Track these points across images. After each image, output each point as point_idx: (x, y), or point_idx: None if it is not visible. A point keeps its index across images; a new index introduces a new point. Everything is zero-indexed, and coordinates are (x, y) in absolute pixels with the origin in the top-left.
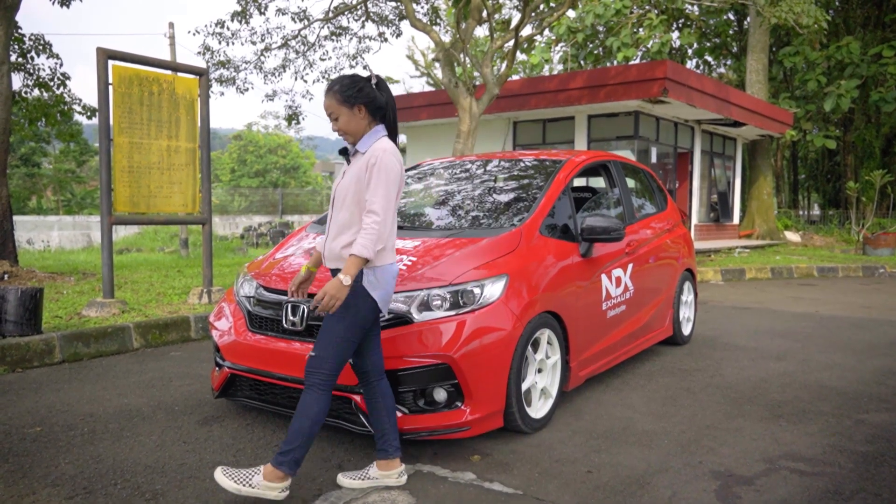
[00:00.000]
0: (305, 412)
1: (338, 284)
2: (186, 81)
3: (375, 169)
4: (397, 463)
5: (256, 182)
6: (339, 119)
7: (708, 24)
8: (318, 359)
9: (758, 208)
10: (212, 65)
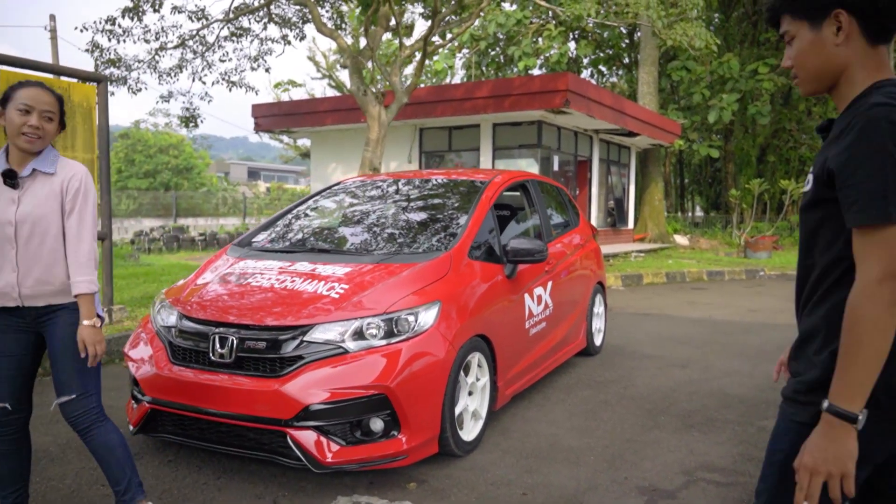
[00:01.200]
0: (112, 449)
1: (91, 331)
2: (83, 89)
3: (81, 195)
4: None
5: (146, 183)
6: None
7: (602, 36)
8: (87, 397)
9: (650, 213)
10: (101, 63)
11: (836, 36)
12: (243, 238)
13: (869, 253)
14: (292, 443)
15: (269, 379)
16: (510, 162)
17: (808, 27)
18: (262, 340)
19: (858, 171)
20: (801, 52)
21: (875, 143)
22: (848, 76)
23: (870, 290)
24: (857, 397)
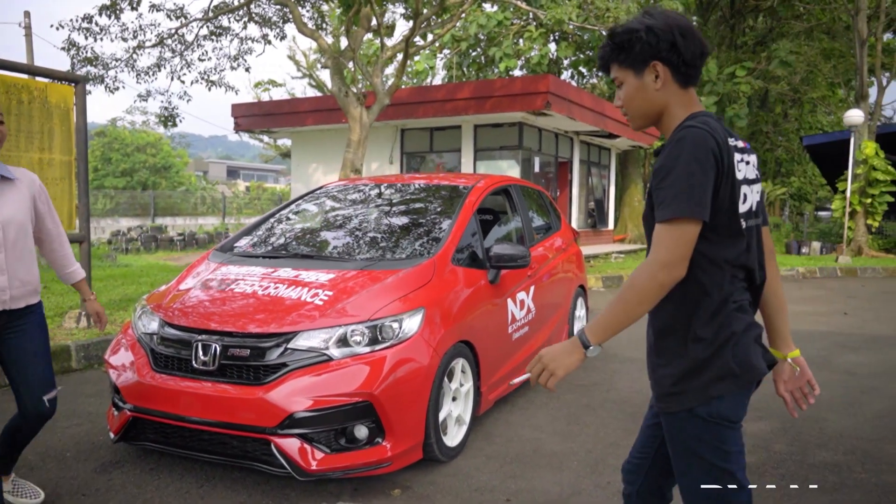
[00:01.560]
0: None
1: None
2: (61, 89)
3: (46, 196)
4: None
5: (123, 182)
6: None
7: (582, 38)
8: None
9: (630, 214)
10: (77, 61)
11: (655, 82)
12: (225, 243)
13: (661, 242)
14: (276, 451)
15: (253, 386)
16: (491, 163)
17: (633, 75)
18: (246, 348)
19: (667, 176)
20: (628, 95)
21: (682, 153)
22: (668, 112)
23: (652, 269)
24: (599, 336)
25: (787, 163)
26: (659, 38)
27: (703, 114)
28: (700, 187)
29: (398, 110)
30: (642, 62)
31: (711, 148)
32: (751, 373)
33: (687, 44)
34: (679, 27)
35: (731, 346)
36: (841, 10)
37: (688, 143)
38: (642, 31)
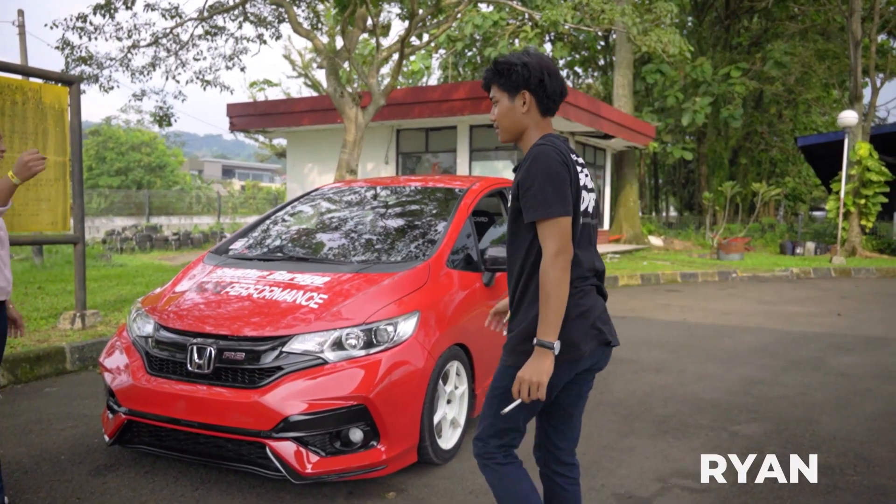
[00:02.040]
0: None
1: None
2: (55, 90)
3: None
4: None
5: (118, 181)
6: None
7: (578, 38)
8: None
9: (625, 215)
10: (71, 60)
11: (522, 107)
12: (221, 245)
13: (547, 237)
14: (271, 454)
15: (248, 390)
16: (487, 164)
17: (507, 97)
18: (241, 351)
19: (532, 185)
20: (501, 112)
21: (538, 167)
22: (528, 133)
23: (551, 261)
24: (552, 332)
25: (781, 163)
26: (531, 73)
27: (552, 136)
28: (563, 190)
29: (394, 111)
30: (515, 89)
31: (559, 160)
32: (572, 350)
33: (552, 82)
34: (548, 69)
35: (565, 325)
36: (835, 11)
37: (542, 158)
38: (519, 66)
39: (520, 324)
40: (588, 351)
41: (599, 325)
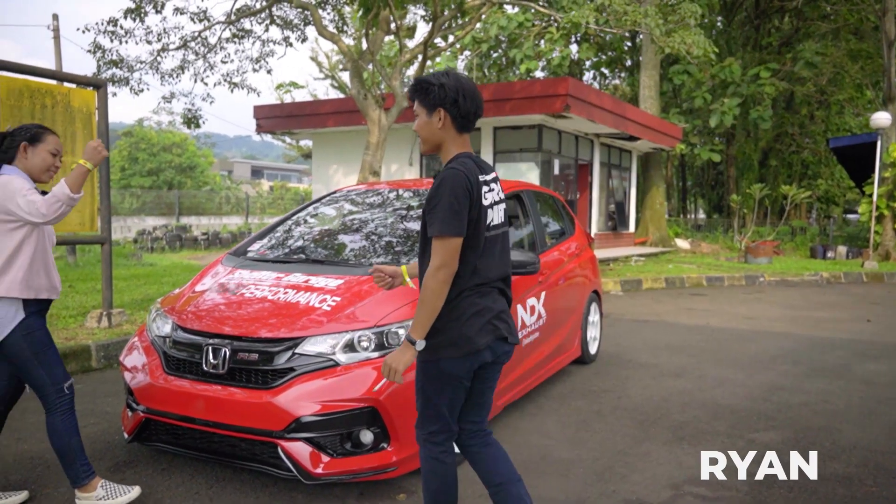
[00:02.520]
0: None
1: None
2: (83, 94)
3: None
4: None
5: (149, 181)
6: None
7: (604, 39)
8: None
9: (651, 217)
10: (103, 64)
11: (438, 122)
12: (240, 247)
13: (435, 252)
14: (283, 454)
15: (261, 390)
16: (511, 166)
17: (425, 112)
18: (255, 352)
19: (436, 205)
20: (420, 125)
21: (444, 189)
22: (445, 147)
23: (433, 273)
24: (420, 332)
25: (813, 165)
26: (447, 93)
27: (466, 155)
28: (460, 213)
29: None
30: (432, 106)
31: (465, 185)
32: (468, 344)
33: (465, 103)
34: (463, 90)
35: (459, 324)
36: (868, 10)
37: (448, 181)
38: (436, 86)
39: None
40: (484, 345)
41: (496, 322)
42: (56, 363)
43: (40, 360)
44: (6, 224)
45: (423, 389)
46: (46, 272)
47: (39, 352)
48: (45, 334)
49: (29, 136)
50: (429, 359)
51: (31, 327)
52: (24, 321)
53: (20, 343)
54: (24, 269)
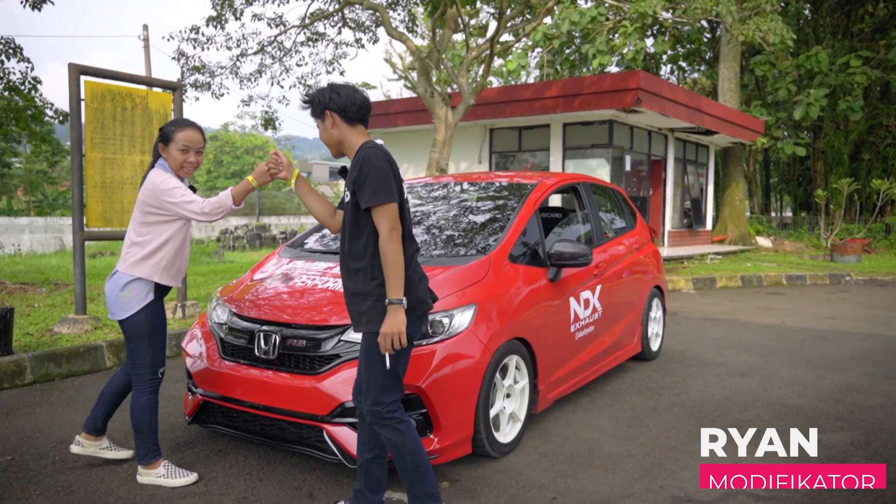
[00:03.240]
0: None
1: None
2: (160, 96)
3: None
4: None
5: (233, 183)
6: None
7: (681, 31)
8: None
9: (730, 214)
10: (186, 70)
11: (330, 124)
12: (297, 239)
13: (381, 219)
14: (328, 438)
15: (308, 376)
16: (581, 162)
17: (320, 121)
18: (303, 339)
19: (366, 179)
20: (321, 133)
21: (371, 164)
22: (346, 142)
23: (388, 236)
24: (398, 291)
25: None
26: (324, 96)
27: (371, 142)
28: (390, 182)
29: (487, 110)
30: (322, 112)
31: (386, 159)
32: (422, 306)
33: (341, 98)
34: (336, 89)
35: (412, 289)
36: None
37: (373, 156)
38: (317, 95)
39: (367, 296)
40: (431, 305)
41: (431, 288)
42: (161, 348)
43: (151, 341)
44: (158, 216)
45: (381, 359)
46: (181, 262)
47: (153, 333)
48: (161, 319)
49: (162, 137)
50: (377, 329)
51: (155, 310)
52: (152, 303)
53: (142, 322)
54: (168, 258)
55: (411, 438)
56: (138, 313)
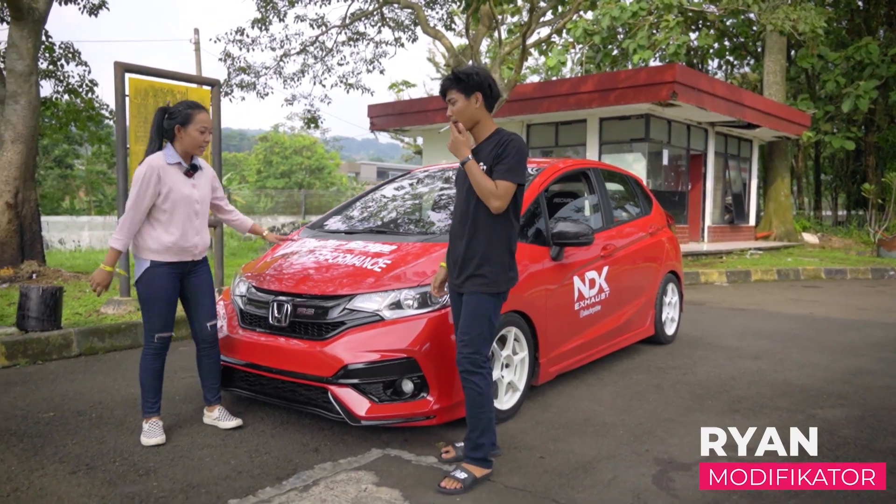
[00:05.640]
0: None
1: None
2: (199, 92)
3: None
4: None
5: (282, 183)
6: None
7: (725, 24)
8: None
9: (775, 210)
10: (232, 71)
11: (476, 104)
12: (317, 221)
13: (503, 191)
14: (332, 398)
15: (316, 341)
16: (617, 157)
17: (463, 98)
18: (311, 307)
19: (512, 156)
20: (459, 110)
21: (520, 147)
22: (480, 123)
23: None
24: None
25: None
26: (481, 80)
27: (504, 130)
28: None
29: (523, 105)
30: (469, 91)
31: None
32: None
33: (494, 88)
34: (489, 78)
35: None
36: None
37: (519, 141)
38: (471, 73)
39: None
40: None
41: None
42: (159, 317)
43: (147, 308)
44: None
45: (490, 317)
46: (184, 238)
47: (147, 301)
48: (162, 290)
49: (181, 119)
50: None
51: (151, 281)
52: (148, 270)
53: (139, 291)
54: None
55: (490, 390)
56: (137, 283)
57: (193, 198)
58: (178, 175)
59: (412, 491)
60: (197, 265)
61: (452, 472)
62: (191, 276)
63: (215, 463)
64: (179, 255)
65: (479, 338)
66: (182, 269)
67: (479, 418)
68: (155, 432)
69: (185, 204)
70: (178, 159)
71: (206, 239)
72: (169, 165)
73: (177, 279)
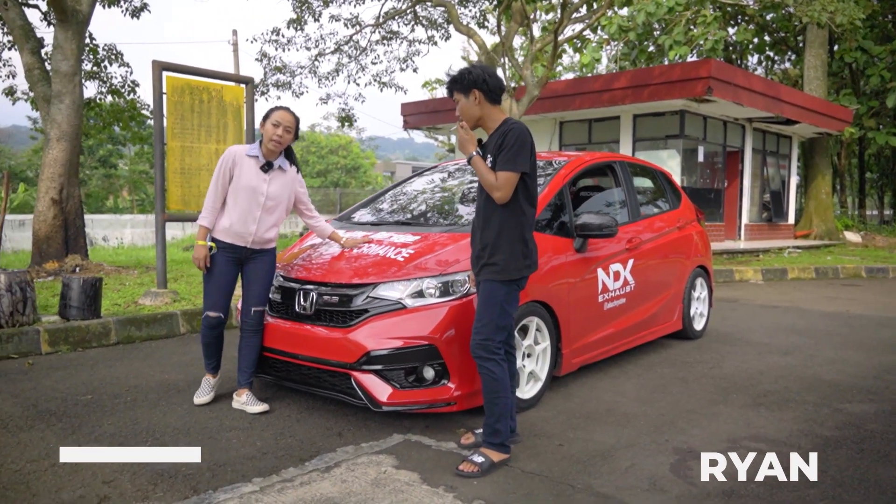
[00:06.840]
0: None
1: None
2: (233, 90)
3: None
4: (243, 392)
5: (318, 182)
6: None
7: (764, 19)
8: None
9: (816, 208)
10: (269, 70)
11: (475, 101)
12: (345, 213)
13: (505, 181)
14: (355, 384)
15: (340, 328)
16: (651, 153)
17: (463, 97)
18: (336, 295)
19: (511, 147)
20: (462, 109)
21: (520, 136)
22: (485, 118)
23: (497, 188)
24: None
25: None
26: (476, 77)
27: (512, 119)
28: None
29: (556, 102)
30: (468, 89)
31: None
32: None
33: (490, 82)
34: (487, 72)
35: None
36: None
37: (518, 130)
38: (464, 73)
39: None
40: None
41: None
42: (207, 294)
43: (204, 285)
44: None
45: (504, 304)
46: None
47: (204, 279)
48: (212, 268)
49: (265, 115)
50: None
51: (212, 257)
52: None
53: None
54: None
55: (506, 376)
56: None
57: (260, 190)
58: (252, 167)
59: (430, 474)
60: (256, 253)
61: (470, 457)
62: (249, 262)
63: (241, 444)
64: (234, 239)
65: (491, 324)
66: (240, 254)
67: (496, 403)
68: (203, 391)
69: (249, 193)
70: (258, 153)
71: (268, 234)
72: (247, 157)
73: (234, 264)
